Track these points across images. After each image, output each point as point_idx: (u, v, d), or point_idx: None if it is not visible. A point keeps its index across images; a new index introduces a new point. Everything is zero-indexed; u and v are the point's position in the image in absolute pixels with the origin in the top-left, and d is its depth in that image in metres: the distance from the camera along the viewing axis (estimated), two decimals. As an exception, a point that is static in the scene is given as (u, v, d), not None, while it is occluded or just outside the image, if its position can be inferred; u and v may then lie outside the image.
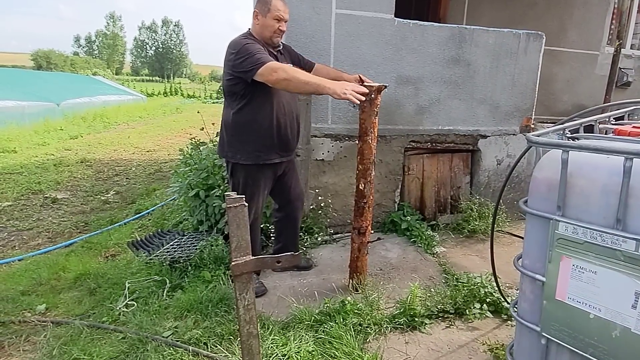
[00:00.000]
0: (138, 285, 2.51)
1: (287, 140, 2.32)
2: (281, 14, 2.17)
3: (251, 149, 2.22)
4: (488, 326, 2.18)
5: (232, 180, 2.33)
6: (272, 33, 2.20)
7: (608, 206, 1.15)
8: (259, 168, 2.28)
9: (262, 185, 2.33)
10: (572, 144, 1.18)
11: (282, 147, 2.31)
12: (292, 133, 2.34)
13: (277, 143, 2.27)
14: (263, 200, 2.40)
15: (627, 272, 1.13)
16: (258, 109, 2.18)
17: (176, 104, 20.07)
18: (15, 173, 5.88)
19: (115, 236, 3.56)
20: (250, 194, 2.27)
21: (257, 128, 2.20)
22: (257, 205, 2.36)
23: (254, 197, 2.30)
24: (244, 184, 2.28)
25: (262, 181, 2.32)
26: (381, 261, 2.91)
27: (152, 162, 7.03)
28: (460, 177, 3.58)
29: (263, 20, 2.18)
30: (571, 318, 1.27)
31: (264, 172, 2.30)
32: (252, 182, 2.29)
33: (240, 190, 2.26)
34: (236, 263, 1.20)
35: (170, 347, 1.97)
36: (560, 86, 4.99)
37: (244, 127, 2.21)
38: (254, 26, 2.25)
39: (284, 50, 2.40)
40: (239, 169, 2.28)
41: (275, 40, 2.24)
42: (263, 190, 2.35)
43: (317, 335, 2.05)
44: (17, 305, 2.40)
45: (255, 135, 2.21)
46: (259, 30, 2.22)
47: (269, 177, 2.35)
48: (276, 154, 2.29)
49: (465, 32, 3.23)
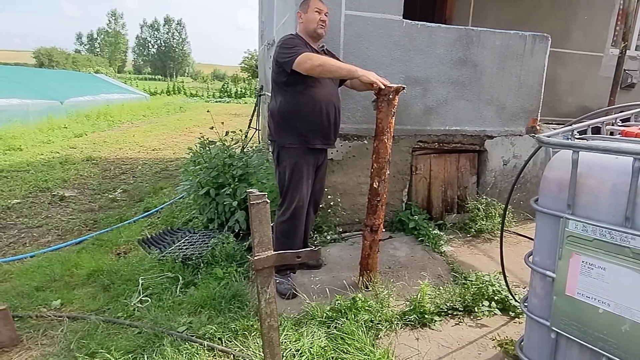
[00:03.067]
0: (151, 282, 2.55)
1: (329, 127, 2.49)
2: (320, 7, 2.42)
3: (296, 133, 2.40)
4: (496, 323, 2.22)
5: (279, 169, 2.49)
6: (316, 24, 2.41)
7: (617, 205, 1.20)
8: (304, 153, 2.43)
9: (306, 172, 2.46)
10: (583, 145, 1.22)
11: (324, 134, 2.48)
12: (333, 121, 2.50)
13: (319, 129, 2.44)
14: (307, 188, 2.50)
15: (636, 268, 1.17)
16: (301, 98, 2.37)
17: (179, 103, 20.13)
18: (22, 171, 5.93)
19: (125, 234, 3.60)
20: (295, 180, 2.44)
21: (301, 114, 2.39)
22: (302, 192, 2.46)
23: (299, 183, 2.44)
24: (290, 170, 2.43)
25: (306, 168, 2.45)
26: (390, 259, 2.96)
27: (158, 161, 7.08)
28: (467, 177, 3.63)
29: (305, 16, 2.42)
30: (581, 313, 1.32)
31: (307, 158, 2.45)
32: (297, 168, 2.43)
33: (287, 176, 2.44)
34: (258, 258, 1.24)
35: (186, 341, 2.01)
36: (565, 88, 5.02)
37: (290, 114, 2.40)
38: (299, 26, 2.49)
39: (327, 51, 2.63)
40: (286, 153, 2.44)
41: (320, 31, 2.44)
42: (307, 179, 2.47)
43: (329, 331, 2.09)
44: (33, 300, 2.44)
45: (300, 121, 2.39)
46: (303, 27, 2.45)
47: (311, 164, 2.49)
48: (319, 140, 2.46)
49: (473, 33, 3.27)
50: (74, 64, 61.58)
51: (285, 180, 2.45)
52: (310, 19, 2.41)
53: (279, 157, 2.48)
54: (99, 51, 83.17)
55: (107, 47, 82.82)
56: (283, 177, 2.46)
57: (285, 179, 2.45)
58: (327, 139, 2.52)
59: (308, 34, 2.44)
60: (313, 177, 2.55)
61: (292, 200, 2.45)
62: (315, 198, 2.69)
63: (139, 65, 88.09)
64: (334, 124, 2.53)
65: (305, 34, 2.44)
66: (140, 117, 13.75)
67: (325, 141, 2.51)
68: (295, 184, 2.44)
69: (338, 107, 2.55)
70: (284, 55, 2.26)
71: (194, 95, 27.47)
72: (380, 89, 2.32)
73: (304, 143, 2.41)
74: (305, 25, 2.44)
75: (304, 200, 2.49)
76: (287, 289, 2.45)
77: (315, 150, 2.48)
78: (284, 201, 2.50)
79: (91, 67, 49.38)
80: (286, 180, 2.45)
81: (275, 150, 2.50)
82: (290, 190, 2.45)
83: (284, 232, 2.51)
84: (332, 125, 2.51)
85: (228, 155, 3.32)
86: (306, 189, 2.48)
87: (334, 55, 2.70)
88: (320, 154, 2.56)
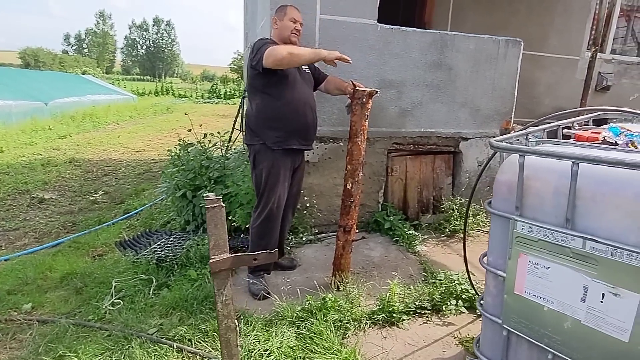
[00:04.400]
0: (125, 284, 2.55)
1: (306, 128, 2.51)
2: (296, 17, 2.49)
3: (273, 135, 2.42)
4: (463, 321, 2.27)
5: (255, 171, 2.51)
6: (290, 32, 2.47)
7: (559, 206, 1.25)
8: (280, 155, 2.44)
9: (282, 175, 2.47)
10: (527, 149, 1.27)
11: (301, 135, 2.50)
12: (309, 122, 2.53)
13: (296, 130, 2.46)
14: (283, 191, 2.51)
15: (576, 268, 1.22)
16: (277, 100, 2.40)
17: (167, 104, 19.98)
18: (1, 173, 5.85)
19: (103, 236, 3.59)
20: (272, 182, 2.45)
21: (277, 116, 2.41)
22: (277, 194, 2.48)
23: (275, 185, 2.46)
24: (267, 172, 2.44)
25: (282, 170, 2.47)
26: (364, 260, 3.00)
27: (142, 162, 7.04)
28: (442, 178, 3.69)
29: (281, 23, 2.48)
30: (528, 311, 1.36)
31: (284, 160, 2.46)
32: (273, 170, 2.44)
33: (263, 179, 2.46)
34: (214, 260, 1.26)
35: (155, 343, 2.02)
36: (542, 90, 5.13)
37: (266, 117, 2.42)
38: (273, 32, 2.54)
39: None
40: (262, 156, 2.45)
41: (293, 39, 2.49)
42: (283, 181, 2.49)
43: (298, 331, 2.12)
44: (3, 304, 2.42)
45: (276, 122, 2.41)
46: (278, 33, 2.50)
47: (288, 167, 2.51)
48: (296, 141, 2.47)
49: (447, 37, 3.33)
50: (61, 64, 60.73)
51: (262, 182, 2.46)
52: (285, 27, 2.46)
53: (255, 159, 2.49)
54: (87, 52, 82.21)
55: (95, 47, 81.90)
56: (259, 179, 2.47)
57: (262, 181, 2.46)
58: (304, 140, 2.54)
59: (281, 41, 2.48)
60: (290, 180, 2.57)
61: (268, 202, 2.47)
62: (292, 201, 2.71)
63: (128, 66, 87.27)
64: (312, 125, 2.55)
65: (279, 40, 2.48)
66: (127, 118, 13.64)
67: (302, 142, 2.52)
68: (272, 186, 2.45)
69: (314, 109, 2.58)
70: (255, 56, 2.29)
71: (183, 96, 27.30)
72: (353, 92, 2.37)
73: (280, 144, 2.43)
74: (279, 32, 2.49)
75: (280, 202, 2.51)
76: (259, 289, 2.47)
77: (292, 152, 2.50)
78: (259, 203, 2.51)
79: (78, 68, 48.75)
80: (262, 183, 2.46)
81: (252, 153, 2.51)
82: (266, 192, 2.46)
83: (258, 234, 2.52)
84: (309, 126, 2.54)
85: (206, 157, 3.33)
86: (282, 190, 2.50)
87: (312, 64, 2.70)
88: (297, 156, 2.58)
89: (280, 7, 2.51)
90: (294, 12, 2.49)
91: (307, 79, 2.60)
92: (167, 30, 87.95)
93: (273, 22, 2.52)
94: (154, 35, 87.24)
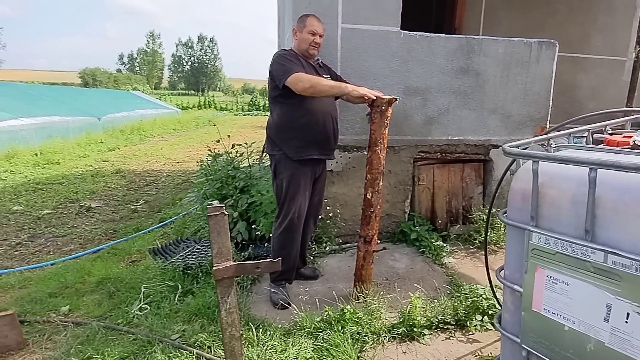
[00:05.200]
0: (153, 290, 2.66)
1: (326, 138, 2.51)
2: (315, 29, 2.46)
3: (293, 145, 2.43)
4: (489, 338, 2.15)
5: (276, 181, 2.52)
6: (309, 45, 2.46)
7: (577, 217, 1.15)
8: (301, 164, 2.45)
9: (303, 184, 2.48)
10: (540, 155, 1.18)
11: (322, 145, 2.50)
12: (330, 132, 2.52)
13: (316, 140, 2.46)
14: (304, 201, 2.52)
15: (597, 284, 1.12)
16: (297, 110, 2.41)
17: (209, 117, 20.81)
18: (56, 183, 6.33)
19: (138, 243, 3.77)
20: (292, 192, 2.46)
21: (298, 126, 2.41)
22: (297, 205, 2.48)
23: (296, 195, 2.47)
24: (287, 183, 2.45)
25: (303, 180, 2.47)
26: (388, 271, 2.93)
27: (181, 173, 7.35)
28: (472, 187, 3.54)
29: (300, 35, 2.48)
30: (547, 330, 1.26)
31: (304, 170, 2.47)
32: (294, 180, 2.45)
33: (284, 188, 2.47)
34: (217, 268, 1.28)
35: (177, 349, 2.07)
36: (586, 93, 4.82)
37: (286, 127, 2.44)
38: (293, 42, 2.54)
39: (323, 64, 2.67)
40: (283, 166, 2.46)
41: (312, 52, 2.50)
42: (304, 191, 2.49)
43: (316, 342, 2.10)
44: (44, 306, 2.60)
45: (296, 133, 2.42)
46: (297, 44, 2.51)
47: (308, 177, 2.51)
48: (316, 151, 2.47)
49: (474, 42, 3.22)
50: (115, 82, 65.21)
51: (282, 192, 2.48)
52: (304, 39, 2.46)
53: (276, 169, 2.51)
54: (138, 70, 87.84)
55: (145, 65, 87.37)
56: (280, 189, 2.49)
57: (282, 191, 2.48)
58: (325, 150, 2.54)
59: (300, 53, 2.50)
60: (311, 189, 2.57)
61: (288, 212, 2.48)
62: (313, 210, 2.70)
63: (174, 82, 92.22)
64: (332, 134, 2.54)
65: (299, 51, 2.50)
66: (170, 131, 14.34)
67: (323, 152, 2.52)
68: (292, 196, 2.46)
69: (335, 118, 2.57)
70: (278, 70, 2.32)
71: (224, 108, 28.36)
72: (373, 100, 2.34)
73: (300, 154, 2.43)
74: (298, 44, 2.49)
75: (301, 212, 2.51)
76: (279, 298, 2.48)
77: (313, 162, 2.50)
78: (280, 213, 2.53)
79: (130, 85, 52.12)
80: (283, 193, 2.47)
81: (273, 162, 2.53)
82: (287, 202, 2.47)
83: (280, 244, 2.54)
84: (330, 135, 2.53)
85: (232, 167, 3.42)
86: (303, 200, 2.50)
87: (330, 68, 2.73)
88: (317, 165, 2.57)
89: (301, 18, 2.50)
90: (314, 22, 2.47)
91: None
92: (210, 47, 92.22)
93: (293, 33, 2.53)
94: (198, 51, 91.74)
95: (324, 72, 2.61)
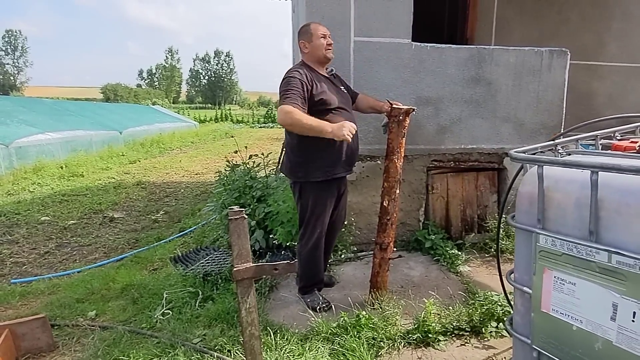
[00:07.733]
0: (174, 296, 2.75)
1: (351, 154, 2.47)
2: (323, 32, 2.40)
3: (319, 166, 2.37)
4: (505, 345, 2.16)
5: (301, 202, 2.48)
6: (324, 50, 2.40)
7: (581, 218, 1.19)
8: (328, 185, 2.42)
9: (328, 204, 2.47)
10: (544, 159, 1.24)
11: (347, 161, 2.46)
12: (355, 146, 2.49)
13: (341, 158, 2.41)
14: (327, 219, 2.51)
15: (603, 284, 1.15)
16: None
17: (225, 129, 21.23)
18: (80, 195, 6.59)
19: (160, 252, 3.90)
20: (318, 212, 2.44)
21: (323, 145, 2.30)
22: (323, 225, 2.48)
23: (322, 216, 2.46)
24: (313, 204, 2.43)
25: (329, 200, 2.46)
26: (403, 279, 2.96)
27: (199, 184, 7.54)
28: (486, 195, 3.55)
29: (311, 44, 2.40)
30: (556, 330, 1.29)
31: (330, 189, 2.45)
32: (320, 201, 2.43)
33: (309, 211, 2.44)
34: (237, 269, 1.37)
35: (198, 352, 2.15)
36: (602, 101, 4.78)
37: (310, 147, 2.33)
38: (304, 55, 2.46)
39: (336, 75, 2.64)
40: (309, 188, 2.42)
41: (329, 55, 2.43)
42: (328, 210, 2.48)
43: (332, 347, 2.14)
44: (72, 311, 2.73)
45: (323, 152, 2.35)
46: (310, 55, 2.43)
47: (333, 195, 2.49)
48: (342, 169, 2.44)
49: (485, 52, 3.28)
50: (135, 97, 67.29)
51: (308, 212, 2.45)
52: (317, 46, 2.38)
53: (301, 191, 2.45)
54: (157, 84, 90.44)
55: (164, 80, 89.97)
56: (305, 209, 2.46)
57: (308, 211, 2.45)
58: (350, 165, 2.52)
59: (317, 61, 2.43)
60: (334, 205, 2.56)
61: (314, 232, 2.47)
62: (339, 224, 2.72)
63: (192, 96, 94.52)
64: (356, 149, 2.52)
65: (313, 61, 2.43)
66: (189, 144, 14.69)
67: (347, 168, 2.50)
68: (318, 216, 2.44)
69: (357, 131, 2.48)
70: (280, 94, 2.25)
71: (240, 121, 28.89)
72: (390, 110, 2.39)
73: (327, 174, 2.38)
74: (312, 53, 2.41)
75: (324, 228, 2.52)
76: (318, 302, 2.55)
77: (338, 180, 2.48)
78: (305, 232, 2.50)
79: (149, 100, 53.72)
80: (308, 213, 2.45)
81: (297, 185, 2.47)
82: (312, 221, 2.45)
83: (307, 261, 2.55)
84: (355, 150, 2.50)
85: (250, 177, 3.53)
86: (327, 219, 2.51)
87: (343, 81, 2.73)
88: (341, 182, 2.56)
89: (303, 29, 2.41)
90: (319, 27, 2.41)
91: (347, 99, 2.53)
92: (226, 61, 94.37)
93: (302, 47, 2.43)
94: (215, 66, 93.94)
95: (339, 83, 2.58)
